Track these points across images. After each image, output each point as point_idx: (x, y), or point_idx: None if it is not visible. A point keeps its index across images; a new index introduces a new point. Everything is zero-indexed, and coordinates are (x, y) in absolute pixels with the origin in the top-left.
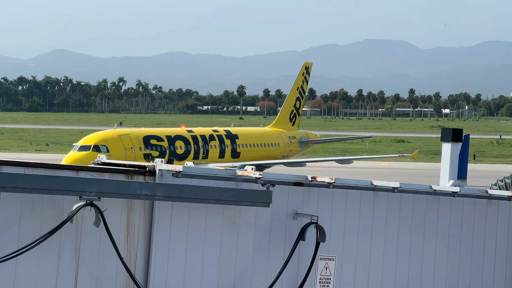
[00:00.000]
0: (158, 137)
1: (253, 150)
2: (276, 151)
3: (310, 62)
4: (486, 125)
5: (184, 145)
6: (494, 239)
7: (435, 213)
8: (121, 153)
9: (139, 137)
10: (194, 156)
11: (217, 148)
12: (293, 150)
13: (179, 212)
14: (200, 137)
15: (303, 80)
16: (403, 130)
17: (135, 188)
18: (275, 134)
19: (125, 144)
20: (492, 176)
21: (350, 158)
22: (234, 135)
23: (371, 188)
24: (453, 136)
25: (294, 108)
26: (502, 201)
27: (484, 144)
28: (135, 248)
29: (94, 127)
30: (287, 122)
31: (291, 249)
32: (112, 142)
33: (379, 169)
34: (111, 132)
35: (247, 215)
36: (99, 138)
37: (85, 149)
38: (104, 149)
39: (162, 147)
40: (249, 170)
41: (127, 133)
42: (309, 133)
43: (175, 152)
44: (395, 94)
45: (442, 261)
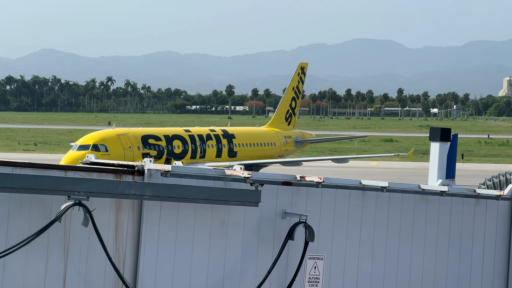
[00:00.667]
0: (156, 137)
1: (249, 149)
2: (272, 150)
3: (305, 62)
4: (474, 125)
5: (181, 145)
6: (483, 238)
7: (423, 213)
8: (119, 152)
9: (137, 137)
10: (192, 156)
11: (214, 147)
12: (289, 150)
13: (167, 212)
14: (198, 137)
15: (298, 80)
16: (391, 129)
17: (123, 187)
18: (271, 134)
19: (124, 143)
20: (480, 176)
21: (346, 157)
22: (231, 134)
23: (360, 187)
24: (441, 135)
25: (290, 108)
26: (490, 201)
27: (472, 143)
28: (124, 247)
29: (83, 126)
30: (283, 122)
31: (280, 249)
32: (111, 142)
33: (368, 169)
34: (110, 132)
35: (236, 215)
36: (98, 137)
37: (84, 148)
38: (103, 148)
39: (160, 147)
40: (238, 169)
41: (125, 133)
42: (304, 133)
43: (173, 152)
44: (384, 94)
45: (431, 260)
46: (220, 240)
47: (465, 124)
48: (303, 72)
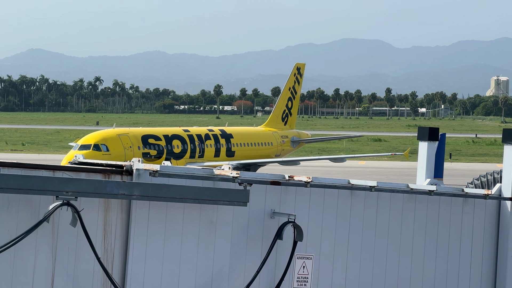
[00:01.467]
0: (156, 137)
1: (247, 149)
2: (269, 150)
3: (302, 63)
4: (462, 124)
5: (181, 144)
6: (470, 237)
7: (412, 212)
8: (120, 152)
9: (137, 136)
10: (191, 155)
11: (212, 147)
12: (285, 149)
13: (156, 212)
14: (196, 136)
15: (294, 81)
16: (380, 129)
17: (112, 187)
18: (268, 134)
19: (124, 143)
20: (468, 175)
21: (344, 156)
22: (228, 134)
23: (348, 187)
24: (429, 135)
25: (286, 108)
26: (478, 200)
27: (460, 143)
28: (112, 247)
29: (71, 126)
30: (279, 122)
31: (269, 248)
32: (112, 141)
33: (356, 168)
34: (111, 132)
35: (225, 214)
36: (99, 137)
37: (85, 148)
38: (104, 148)
39: (160, 146)
40: (226, 169)
41: (126, 133)
42: (301, 133)
43: (172, 151)
44: (372, 93)
45: (419, 259)
46: (208, 239)
47: (453, 124)
48: (299, 73)
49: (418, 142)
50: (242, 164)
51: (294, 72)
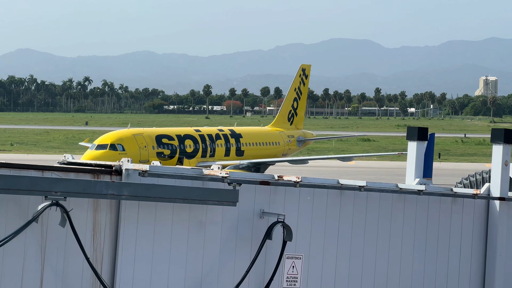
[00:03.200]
0: (169, 136)
1: (256, 148)
2: (277, 149)
3: (308, 64)
4: (451, 124)
5: (193, 144)
6: (459, 236)
7: (401, 211)
8: (135, 152)
9: (151, 136)
10: (202, 155)
11: (223, 146)
12: (291, 149)
13: (145, 212)
14: (207, 136)
15: (300, 82)
16: (369, 129)
17: (101, 187)
18: (275, 133)
19: (139, 142)
20: (457, 175)
21: (351, 155)
22: (238, 134)
23: (337, 187)
24: (418, 135)
25: (292, 108)
26: (467, 199)
27: (449, 142)
28: (101, 248)
29: (60, 126)
30: (285, 121)
31: (258, 248)
32: (127, 141)
33: (346, 168)
34: (126, 132)
35: (214, 214)
36: (115, 137)
37: (102, 147)
38: (120, 147)
39: (173, 146)
40: (216, 169)
41: (140, 133)
42: (306, 132)
43: (185, 151)
44: (361, 93)
45: (408, 259)
46: (198, 239)
47: (442, 124)
48: (304, 74)
49: (407, 142)
50: (252, 163)
51: (300, 73)
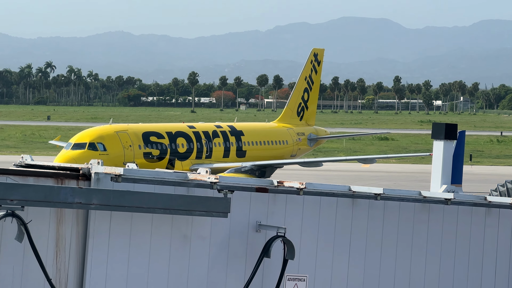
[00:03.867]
0: (158, 134)
1: (259, 148)
2: (284, 149)
3: (321, 48)
4: (485, 120)
5: (186, 143)
6: (495, 253)
7: (425, 224)
8: (119, 152)
9: (137, 134)
10: (197, 155)
11: (221, 146)
12: (302, 149)
13: (119, 223)
14: (203, 134)
15: (311, 69)
16: (387, 125)
17: (66, 194)
18: (282, 131)
19: (123, 141)
20: (492, 180)
21: (373, 157)
22: (239, 131)
23: (349, 194)
24: (446, 132)
25: (302, 100)
26: (504, 210)
27: (483, 142)
28: (66, 267)
29: (17, 122)
30: (294, 116)
31: (254, 268)
32: (109, 139)
33: (359, 172)
34: (107, 128)
35: (201, 227)
36: (95, 134)
37: (79, 147)
38: (100, 147)
39: (162, 145)
40: (203, 173)
41: (124, 129)
42: (318, 129)
43: (176, 151)
44: (378, 83)
45: (434, 280)
46: (182, 257)
47: (474, 119)
48: (316, 60)
49: (433, 141)
50: (257, 166)
51: (311, 59)
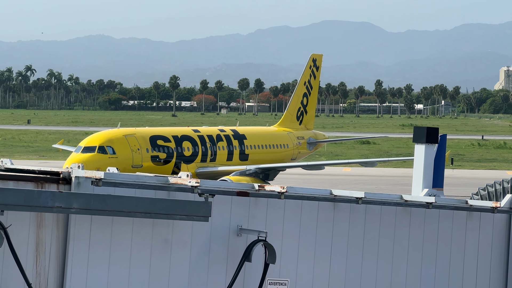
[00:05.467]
0: (165, 138)
1: (261, 152)
2: (285, 153)
3: (319, 54)
4: (466, 124)
5: (191, 146)
6: (475, 258)
7: (406, 228)
8: (127, 155)
9: (145, 137)
10: (202, 159)
11: (225, 149)
12: (301, 152)
13: (99, 228)
14: (207, 138)
15: (310, 74)
16: (368, 129)
17: (46, 198)
18: (283, 134)
19: (132, 145)
20: (473, 184)
21: (375, 160)
22: (241, 135)
23: (330, 198)
24: (427, 136)
25: (302, 105)
26: (485, 213)
27: (464, 146)
28: (46, 271)
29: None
30: (294, 121)
31: (235, 272)
32: (118, 143)
33: (340, 176)
34: (116, 132)
35: (182, 231)
36: (104, 138)
37: (89, 150)
38: (109, 150)
39: (169, 148)
40: (184, 177)
41: (132, 133)
42: (317, 133)
43: (182, 154)
44: (359, 87)
45: (415, 284)
46: (162, 261)
47: (456, 123)
48: (315, 65)
49: (414, 145)
50: (261, 169)
51: (310, 64)
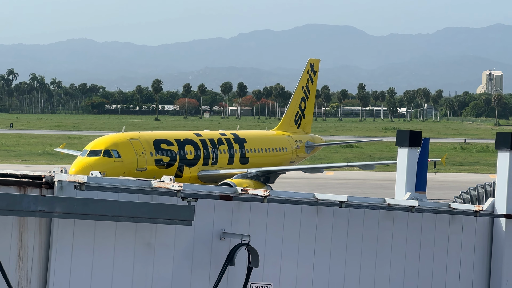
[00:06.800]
0: (168, 141)
1: (261, 155)
2: (284, 156)
3: (316, 58)
4: (449, 127)
5: (194, 150)
6: (458, 260)
7: (389, 231)
8: (132, 158)
9: (149, 141)
10: (204, 162)
11: (226, 153)
12: (299, 156)
13: (82, 232)
14: (209, 141)
15: (308, 79)
16: (351, 132)
17: (28, 203)
18: (282, 138)
19: (136, 148)
20: (456, 188)
21: (374, 163)
22: (242, 139)
23: (313, 202)
24: (410, 140)
25: (299, 109)
26: (467, 217)
27: (446, 149)
28: (29, 276)
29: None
30: (292, 124)
31: (218, 276)
32: (123, 147)
33: (323, 180)
34: (121, 136)
35: (165, 235)
36: (110, 142)
37: (95, 154)
38: (115, 154)
39: (172, 152)
40: (167, 181)
41: (137, 137)
42: (314, 137)
43: (185, 157)
44: (342, 90)
45: (398, 286)
46: (145, 265)
47: (438, 127)
48: (312, 70)
49: (397, 148)
50: (262, 172)
51: (308, 69)
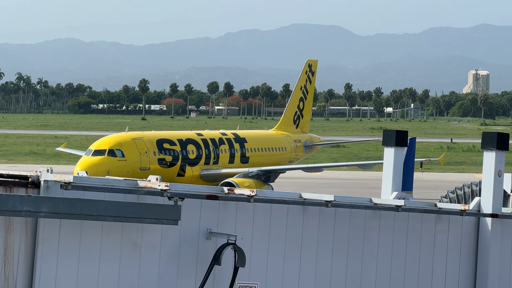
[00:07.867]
0: (171, 141)
1: (261, 154)
2: (283, 155)
3: (314, 59)
4: (435, 127)
5: (195, 149)
6: (444, 260)
7: (375, 231)
8: (136, 158)
9: (152, 141)
10: (205, 161)
11: (227, 152)
12: (298, 155)
13: (68, 232)
14: (210, 141)
15: (306, 79)
16: (338, 132)
17: (14, 202)
18: (281, 138)
19: (140, 148)
20: (442, 187)
21: (372, 162)
22: (242, 138)
23: (300, 202)
24: (396, 139)
25: (298, 109)
26: (454, 216)
27: (433, 149)
28: (15, 276)
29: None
30: (291, 124)
31: (204, 276)
32: (127, 146)
33: (310, 180)
34: (125, 136)
35: (151, 235)
36: (114, 141)
37: (99, 153)
38: (119, 153)
39: (175, 151)
40: (154, 180)
41: (140, 137)
42: (312, 137)
43: (187, 157)
44: (329, 90)
45: (384, 286)
46: (132, 265)
47: (425, 126)
48: (311, 70)
49: (384, 148)
50: (263, 171)
51: (306, 69)
